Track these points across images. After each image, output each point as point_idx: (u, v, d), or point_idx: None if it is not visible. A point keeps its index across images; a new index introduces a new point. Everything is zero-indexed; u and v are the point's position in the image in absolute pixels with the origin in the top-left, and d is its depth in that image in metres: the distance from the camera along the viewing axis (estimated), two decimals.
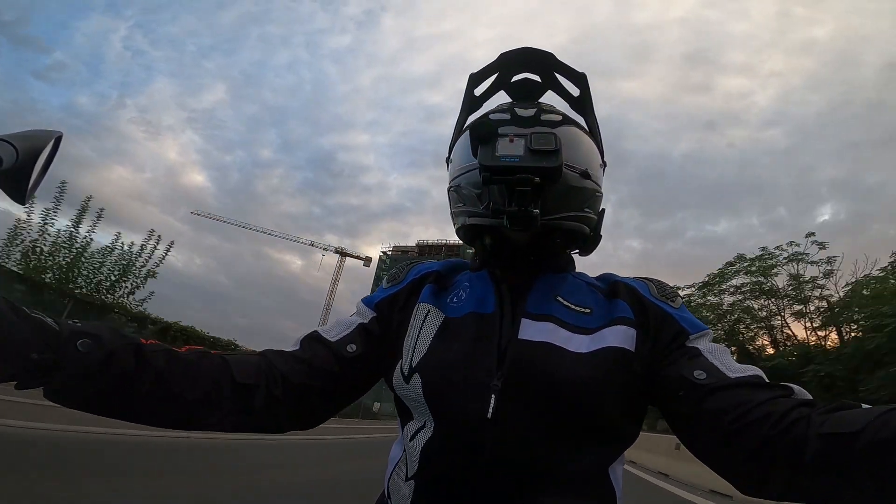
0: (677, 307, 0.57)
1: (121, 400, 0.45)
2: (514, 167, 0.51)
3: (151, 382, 0.46)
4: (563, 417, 0.50)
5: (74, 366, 0.41)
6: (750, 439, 0.43)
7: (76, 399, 0.43)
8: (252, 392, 0.52)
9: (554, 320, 0.55)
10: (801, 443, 0.39)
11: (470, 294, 0.60)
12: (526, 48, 0.62)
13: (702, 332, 0.54)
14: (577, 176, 0.57)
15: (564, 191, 0.56)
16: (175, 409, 0.48)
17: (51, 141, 0.42)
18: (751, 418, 0.43)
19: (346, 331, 0.61)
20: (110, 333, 0.45)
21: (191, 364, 0.49)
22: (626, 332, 0.54)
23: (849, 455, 0.36)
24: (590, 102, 0.64)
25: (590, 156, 0.61)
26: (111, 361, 0.43)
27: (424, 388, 0.53)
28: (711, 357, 0.50)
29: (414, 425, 0.55)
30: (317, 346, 0.59)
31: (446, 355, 0.54)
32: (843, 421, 0.38)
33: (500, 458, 0.49)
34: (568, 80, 0.64)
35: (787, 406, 0.43)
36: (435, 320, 0.58)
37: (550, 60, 0.62)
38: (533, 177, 0.50)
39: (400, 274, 0.67)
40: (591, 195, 0.60)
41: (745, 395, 0.45)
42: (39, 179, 0.42)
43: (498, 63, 0.63)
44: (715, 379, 0.48)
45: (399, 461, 0.57)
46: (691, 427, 0.49)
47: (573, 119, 0.62)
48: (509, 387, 0.50)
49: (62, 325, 0.42)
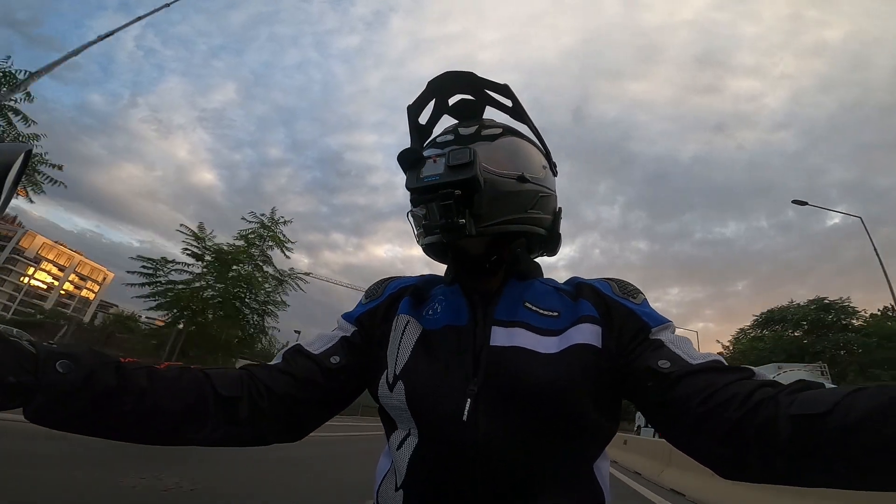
0: (639, 303, 0.59)
1: (104, 418, 0.45)
2: (435, 185, 0.55)
3: (134, 399, 0.46)
4: (538, 417, 0.51)
5: (54, 387, 0.41)
6: (719, 422, 0.44)
7: (57, 420, 0.43)
8: (236, 404, 0.52)
9: (523, 325, 0.57)
10: (771, 424, 0.40)
11: (445, 307, 0.62)
12: (448, 72, 0.64)
13: (663, 324, 0.56)
14: (513, 181, 0.61)
15: (497, 197, 0.59)
16: (160, 424, 0.49)
17: (20, 155, 0.41)
18: (716, 401, 0.45)
19: (329, 343, 0.62)
20: (89, 354, 0.45)
21: (173, 380, 0.50)
22: (591, 329, 0.56)
23: (819, 437, 0.37)
24: (522, 109, 0.67)
25: (528, 160, 0.64)
26: (92, 380, 0.43)
27: (407, 395, 0.55)
28: (674, 347, 0.53)
29: (399, 434, 0.57)
30: (300, 358, 0.60)
31: (426, 366, 0.56)
32: (810, 402, 0.39)
33: (482, 461, 0.50)
34: (497, 94, 0.66)
35: (750, 387, 0.44)
36: (414, 331, 0.60)
37: (473, 79, 0.64)
38: (453, 190, 0.54)
39: (378, 289, 0.69)
40: (535, 196, 0.63)
41: (708, 380, 0.47)
42: (11, 194, 0.42)
43: (430, 90, 0.65)
44: (678, 367, 0.50)
45: (388, 472, 0.58)
46: (664, 417, 0.50)
47: (515, 130, 0.67)
48: (484, 390, 0.52)
49: (38, 347, 0.43)
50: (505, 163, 0.61)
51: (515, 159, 0.63)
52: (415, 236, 0.67)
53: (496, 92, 0.66)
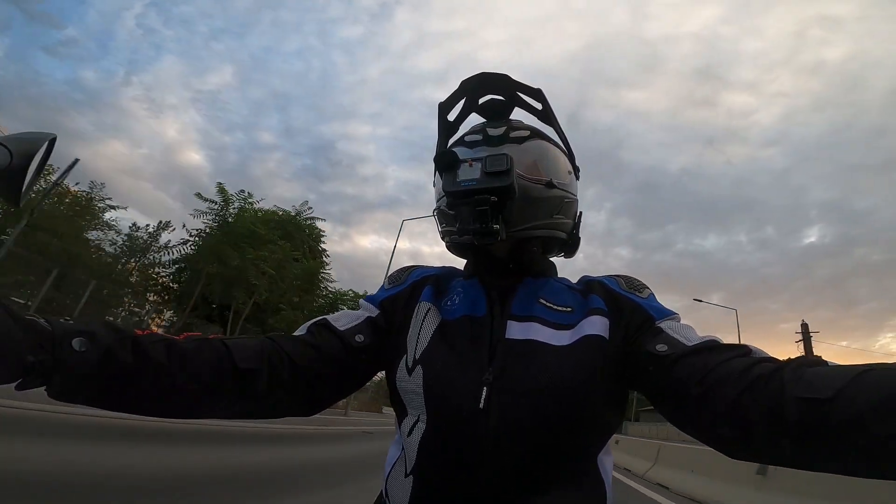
0: (645, 297, 0.61)
1: (123, 395, 0.45)
2: (472, 190, 0.57)
3: (152, 376, 0.46)
4: (549, 407, 0.52)
5: (72, 366, 0.41)
6: (718, 401, 0.44)
7: (79, 397, 0.43)
8: (254, 377, 0.52)
9: (538, 320, 0.59)
10: (777, 404, 0.39)
11: (463, 299, 0.64)
12: (483, 73, 0.65)
13: (669, 316, 0.57)
14: (542, 187, 0.62)
15: (528, 203, 0.61)
16: (178, 400, 0.49)
17: (45, 143, 0.42)
18: (713, 379, 0.45)
19: (355, 322, 0.63)
20: (104, 329, 0.44)
21: (191, 353, 0.49)
22: (600, 321, 0.58)
23: (826, 424, 0.36)
24: (552, 113, 0.68)
25: (556, 166, 0.65)
26: (108, 359, 0.43)
27: (425, 381, 0.56)
28: (672, 332, 0.54)
29: (409, 420, 0.57)
30: (326, 332, 0.61)
31: (445, 353, 0.57)
32: (816, 383, 0.38)
33: (494, 449, 0.51)
34: (528, 97, 0.67)
35: (746, 363, 0.44)
36: (434, 319, 0.62)
37: (507, 81, 0.66)
38: (489, 196, 0.56)
39: (401, 276, 0.70)
40: (560, 202, 0.64)
41: (705, 359, 0.48)
42: (34, 181, 0.42)
43: (462, 90, 0.67)
44: (675, 349, 0.51)
45: (398, 459, 0.59)
46: (667, 401, 0.51)
47: (542, 133, 0.68)
48: (499, 380, 0.53)
49: (54, 324, 0.42)
50: (534, 167, 0.62)
51: (544, 164, 0.64)
52: (439, 232, 0.71)
53: (529, 95, 0.67)
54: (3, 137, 0.39)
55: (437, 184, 0.69)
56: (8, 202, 0.41)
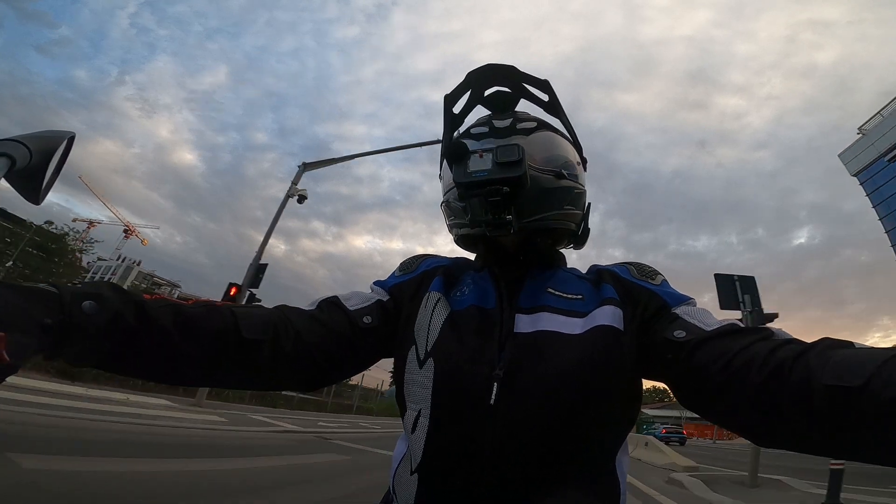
0: (658, 284, 0.60)
1: (129, 359, 0.45)
2: (484, 181, 0.55)
3: (157, 342, 0.45)
4: (563, 403, 0.51)
5: (83, 329, 0.40)
6: (742, 388, 0.43)
7: (93, 359, 0.43)
8: (258, 348, 0.51)
9: (547, 308, 0.58)
10: (805, 391, 0.38)
11: (473, 289, 0.63)
12: (489, 64, 0.65)
13: (684, 302, 0.57)
14: (552, 178, 0.61)
15: (539, 194, 0.60)
16: (183, 366, 0.49)
17: (64, 141, 0.43)
18: (736, 365, 0.44)
19: (365, 303, 0.63)
20: (112, 291, 0.44)
21: (197, 320, 0.48)
22: (613, 312, 0.56)
23: (858, 412, 0.35)
24: (559, 105, 0.68)
25: (565, 157, 0.64)
26: (116, 322, 0.42)
27: (436, 373, 0.55)
28: (689, 318, 0.53)
29: (410, 415, 0.56)
30: (335, 310, 0.60)
31: (455, 346, 0.56)
32: (844, 369, 0.36)
33: (503, 446, 0.50)
34: (535, 88, 0.67)
35: (769, 346, 0.43)
36: (443, 310, 0.60)
37: (514, 73, 0.65)
38: (501, 187, 0.55)
39: (413, 264, 0.70)
40: (570, 193, 0.64)
41: (725, 345, 0.47)
42: (53, 179, 0.43)
43: (467, 81, 0.66)
44: (694, 335, 0.50)
45: (404, 456, 0.58)
46: (688, 388, 0.50)
47: (548, 124, 0.67)
48: (510, 375, 0.52)
49: (60, 288, 0.41)
50: (543, 158, 0.62)
51: (553, 155, 0.63)
52: (447, 224, 0.70)
53: (536, 87, 0.66)
54: (22, 136, 0.39)
55: (444, 176, 0.68)
56: (28, 200, 0.41)
